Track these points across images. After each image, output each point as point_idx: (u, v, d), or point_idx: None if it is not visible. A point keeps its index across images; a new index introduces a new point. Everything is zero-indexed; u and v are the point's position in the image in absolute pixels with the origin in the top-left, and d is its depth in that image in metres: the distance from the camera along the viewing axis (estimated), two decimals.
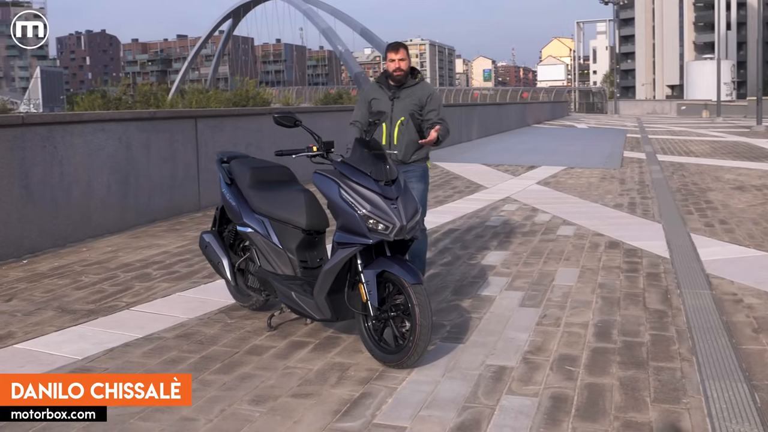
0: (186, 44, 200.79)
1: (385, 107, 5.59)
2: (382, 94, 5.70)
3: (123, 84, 46.64)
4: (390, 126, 5.63)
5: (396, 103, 5.65)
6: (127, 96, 43.27)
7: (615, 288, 6.20)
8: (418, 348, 4.25)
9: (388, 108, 5.60)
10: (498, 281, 6.45)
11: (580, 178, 14.52)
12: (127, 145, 8.92)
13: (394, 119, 5.62)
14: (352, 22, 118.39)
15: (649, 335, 5.00)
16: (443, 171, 15.88)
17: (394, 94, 5.67)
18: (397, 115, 5.63)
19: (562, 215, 9.88)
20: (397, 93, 5.67)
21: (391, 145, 5.61)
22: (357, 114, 5.72)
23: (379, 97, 5.70)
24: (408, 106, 5.65)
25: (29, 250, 7.43)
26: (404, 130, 5.64)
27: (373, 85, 5.83)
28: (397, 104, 5.65)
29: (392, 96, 5.66)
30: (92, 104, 44.15)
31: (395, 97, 5.66)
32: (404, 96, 5.66)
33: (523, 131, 33.83)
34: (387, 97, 5.67)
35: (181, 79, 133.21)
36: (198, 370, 4.37)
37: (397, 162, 5.55)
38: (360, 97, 5.94)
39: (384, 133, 5.62)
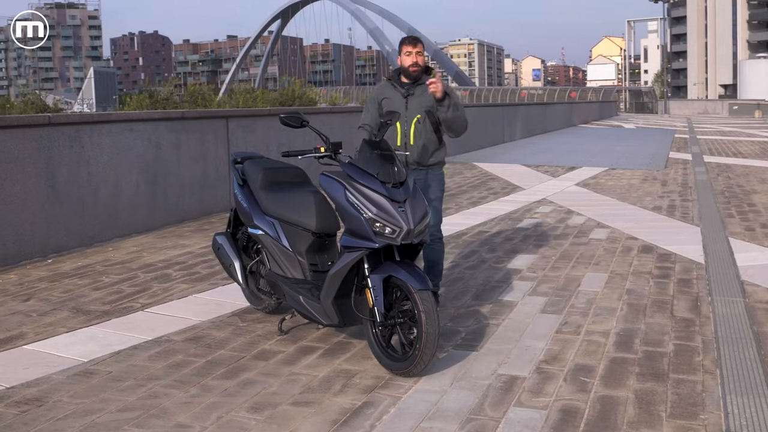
0: (236, 45, 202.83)
1: (398, 106, 5.26)
2: (394, 93, 5.35)
3: (171, 84, 47.16)
4: (405, 125, 5.29)
5: (410, 100, 5.30)
6: (174, 96, 43.80)
7: (643, 294, 5.99)
8: (424, 356, 4.11)
9: (401, 106, 5.26)
10: (522, 286, 6.28)
11: (620, 180, 14.20)
12: (157, 144, 8.92)
13: (410, 117, 5.28)
14: (399, 21, 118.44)
15: (673, 345, 4.79)
16: (481, 172, 15.67)
17: (408, 90, 5.31)
18: (412, 113, 5.29)
19: (597, 218, 9.64)
20: (412, 89, 5.32)
21: (407, 146, 5.29)
22: (366, 117, 5.35)
23: (391, 95, 5.35)
24: (424, 102, 5.28)
25: (55, 250, 7.46)
26: (421, 129, 5.30)
27: (383, 84, 5.50)
28: (411, 102, 5.30)
29: (406, 93, 5.31)
30: (140, 104, 44.79)
31: (409, 94, 5.31)
32: (419, 93, 5.30)
33: (568, 131, 33.36)
34: (400, 94, 5.32)
35: (230, 80, 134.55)
36: (201, 375, 4.29)
37: (414, 165, 5.31)
38: (369, 98, 5.50)
39: (399, 133, 5.28)
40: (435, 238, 5.44)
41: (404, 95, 5.32)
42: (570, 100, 61.89)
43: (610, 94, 75.87)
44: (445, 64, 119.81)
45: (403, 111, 5.26)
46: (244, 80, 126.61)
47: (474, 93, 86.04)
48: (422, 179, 5.32)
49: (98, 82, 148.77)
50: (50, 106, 57.67)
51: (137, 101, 46.48)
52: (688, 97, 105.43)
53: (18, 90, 64.97)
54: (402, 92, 5.33)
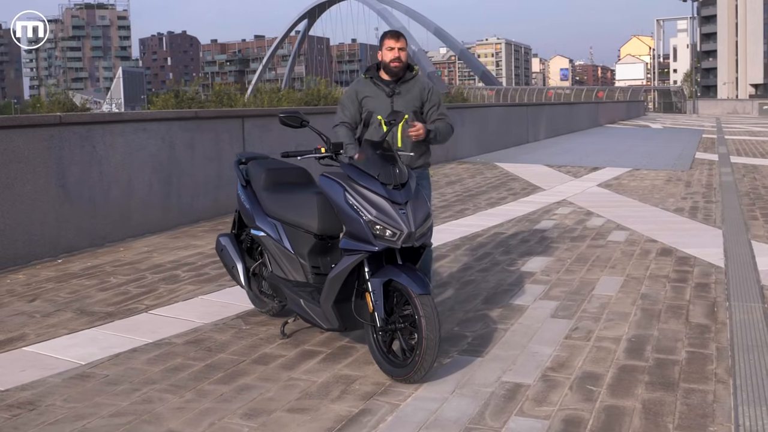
0: (263, 44, 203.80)
1: (382, 105, 4.95)
2: (377, 91, 5.01)
3: (196, 84, 47.49)
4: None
5: (396, 99, 4.99)
6: (198, 95, 44.17)
7: (658, 299, 5.82)
8: (424, 363, 3.99)
9: (386, 106, 4.94)
10: (534, 290, 6.14)
11: (644, 180, 13.98)
12: (170, 144, 8.88)
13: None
14: (425, 21, 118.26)
15: (686, 353, 4.63)
16: (502, 172, 15.51)
17: (393, 89, 5.00)
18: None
19: (617, 219, 9.46)
20: (397, 88, 5.01)
21: (394, 148, 4.84)
22: (345, 114, 5.03)
23: (374, 94, 5.00)
24: (410, 102, 5.02)
25: (66, 250, 7.44)
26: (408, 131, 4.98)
27: (362, 81, 5.12)
28: (397, 101, 4.98)
29: (391, 92, 5.00)
30: (166, 103, 45.21)
31: (394, 93, 5.00)
32: (405, 91, 5.02)
33: (594, 131, 33.02)
34: (384, 93, 4.99)
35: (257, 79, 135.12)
36: (198, 379, 4.21)
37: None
38: (347, 95, 5.15)
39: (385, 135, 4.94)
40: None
41: (389, 94, 5.01)
42: (597, 100, 61.36)
43: (638, 93, 75.12)
44: (472, 63, 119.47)
45: (388, 112, 4.92)
46: (270, 80, 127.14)
47: (500, 92, 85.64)
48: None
49: (127, 81, 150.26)
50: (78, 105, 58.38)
51: (163, 100, 47.00)
52: (717, 96, 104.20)
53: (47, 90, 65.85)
54: (386, 91, 5.01)
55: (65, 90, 55.95)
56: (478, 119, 20.57)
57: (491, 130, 21.25)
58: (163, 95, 49.73)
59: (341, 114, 5.06)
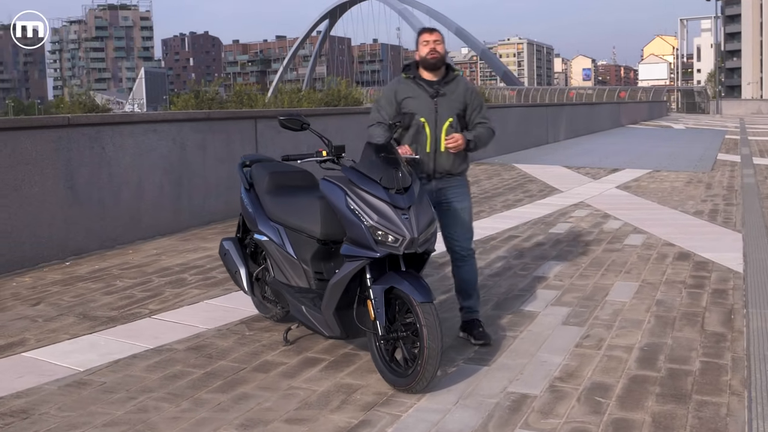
0: (285, 45, 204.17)
1: (425, 107, 4.72)
2: (420, 92, 4.74)
3: (216, 84, 47.52)
4: (435, 129, 4.74)
5: (440, 101, 4.74)
6: (219, 95, 44.11)
7: (673, 306, 5.66)
8: (426, 373, 3.87)
9: (430, 108, 4.72)
10: (546, 295, 6.00)
11: (663, 182, 13.76)
12: (181, 146, 8.82)
13: (440, 121, 4.74)
14: (447, 21, 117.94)
15: (700, 362, 4.48)
16: (520, 173, 15.34)
17: (437, 90, 4.76)
18: (443, 116, 4.75)
19: (635, 222, 9.28)
20: (441, 89, 4.77)
21: (437, 153, 4.77)
22: (381, 115, 4.79)
23: (416, 95, 4.74)
24: (454, 104, 4.78)
25: (74, 252, 7.39)
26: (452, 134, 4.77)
27: (401, 80, 4.85)
28: (441, 103, 4.74)
29: (435, 93, 4.75)
30: (186, 104, 45.20)
31: (439, 94, 4.75)
32: (449, 92, 4.77)
33: (615, 132, 32.71)
34: (427, 94, 4.74)
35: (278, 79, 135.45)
36: (196, 387, 4.12)
37: (441, 173, 4.83)
38: (384, 96, 4.88)
39: (428, 138, 4.73)
40: (468, 254, 5.00)
41: (432, 95, 4.75)
42: (619, 100, 60.88)
43: (661, 93, 74.45)
44: (493, 63, 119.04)
45: (433, 114, 4.73)
46: (292, 80, 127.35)
47: (522, 93, 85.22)
48: (448, 187, 4.90)
49: (149, 82, 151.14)
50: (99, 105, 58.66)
51: (184, 101, 47.04)
52: (742, 96, 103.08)
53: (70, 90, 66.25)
54: (430, 92, 4.75)
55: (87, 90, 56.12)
56: (497, 120, 20.24)
57: (510, 130, 21.06)
58: (184, 95, 49.84)
59: (377, 114, 4.84)
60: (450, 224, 4.95)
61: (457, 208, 4.93)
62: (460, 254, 4.99)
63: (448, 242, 5.00)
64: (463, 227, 4.98)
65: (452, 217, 4.94)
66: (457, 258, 5.01)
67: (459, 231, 4.96)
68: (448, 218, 4.94)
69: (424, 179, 4.80)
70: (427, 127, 4.76)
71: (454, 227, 4.95)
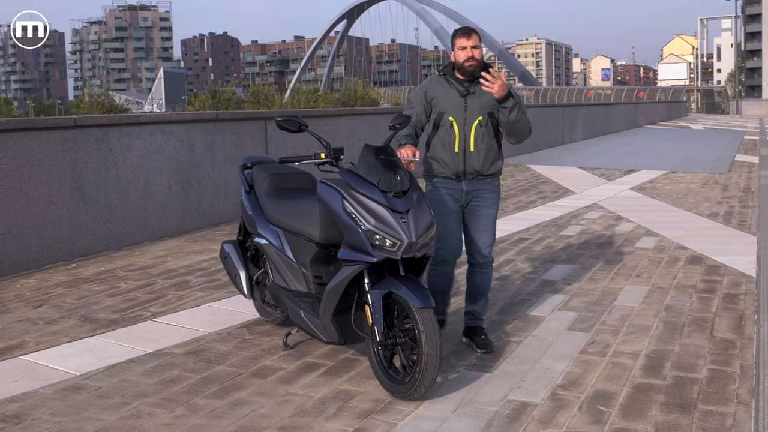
0: (303, 45, 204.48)
1: (454, 106, 4.62)
2: (450, 90, 4.65)
3: (233, 84, 47.61)
4: (464, 129, 4.63)
5: (470, 99, 4.62)
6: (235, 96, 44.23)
7: (682, 311, 5.56)
8: (424, 380, 3.80)
9: (459, 107, 4.61)
10: (553, 299, 5.90)
11: (679, 184, 13.60)
12: (190, 147, 8.78)
13: (470, 120, 4.62)
14: (465, 21, 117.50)
15: (707, 370, 4.38)
16: (534, 174, 15.21)
17: (467, 89, 4.63)
18: (472, 115, 4.62)
19: (647, 225, 9.16)
20: (471, 87, 4.62)
21: (467, 153, 4.64)
22: (410, 113, 4.68)
23: (445, 94, 4.66)
24: (486, 103, 4.62)
25: (81, 253, 7.36)
26: (482, 134, 4.64)
27: (435, 79, 4.77)
28: (471, 101, 4.62)
29: (465, 91, 4.63)
30: (203, 104, 45.37)
31: (469, 92, 4.63)
32: (480, 91, 4.59)
33: (632, 132, 32.45)
34: (457, 93, 4.63)
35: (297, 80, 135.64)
36: (191, 393, 4.06)
37: (472, 174, 4.68)
38: (414, 94, 4.80)
39: (457, 137, 4.63)
40: (485, 261, 4.88)
41: (462, 94, 4.64)
42: (637, 100, 60.44)
43: (680, 94, 73.85)
44: (511, 63, 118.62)
45: (462, 112, 4.62)
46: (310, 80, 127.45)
47: (539, 93, 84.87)
48: (479, 191, 4.75)
49: (168, 82, 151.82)
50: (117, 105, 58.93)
51: (201, 101, 47.18)
52: (762, 96, 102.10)
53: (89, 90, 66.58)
54: (460, 90, 4.64)
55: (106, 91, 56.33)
56: None
57: None
58: (201, 96, 49.99)
59: (408, 112, 4.74)
60: (473, 229, 4.82)
61: (483, 213, 4.79)
62: (478, 261, 4.87)
63: (468, 247, 4.88)
64: (486, 234, 4.84)
65: (477, 222, 4.80)
66: (474, 264, 4.91)
67: (482, 238, 4.83)
68: (472, 223, 4.81)
69: (453, 181, 4.69)
70: (456, 126, 4.64)
71: (477, 233, 4.82)
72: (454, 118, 4.66)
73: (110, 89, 66.09)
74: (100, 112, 46.72)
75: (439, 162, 4.72)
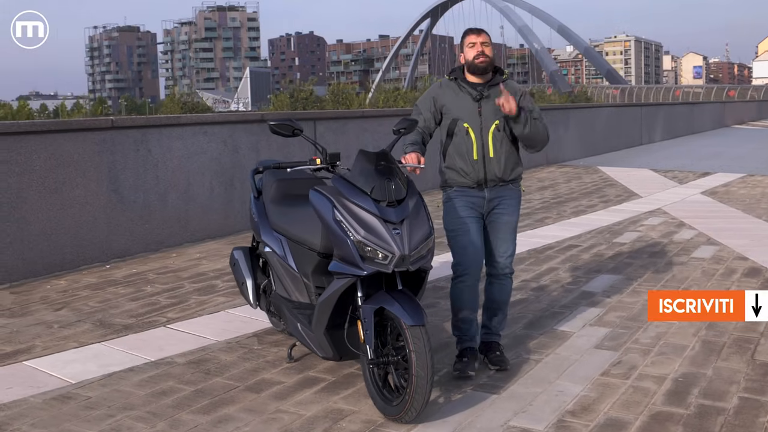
0: (387, 44, 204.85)
1: (468, 112, 4.36)
2: (462, 95, 4.39)
3: (310, 83, 47.94)
4: (481, 135, 4.37)
5: (484, 104, 4.36)
6: (313, 95, 44.53)
7: (726, 330, 5.14)
8: (414, 402, 3.55)
9: (473, 112, 4.35)
10: (587, 313, 5.56)
11: (755, 188, 12.88)
12: (234, 148, 8.71)
13: (486, 125, 4.36)
14: (549, 19, 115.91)
15: (738, 399, 4.00)
16: (601, 177, 14.69)
17: (481, 92, 4.38)
18: (488, 120, 4.36)
19: (710, 232, 8.64)
20: (485, 91, 4.39)
21: (486, 159, 4.37)
22: (418, 120, 4.44)
23: (457, 99, 4.40)
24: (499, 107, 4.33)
25: (118, 255, 7.36)
26: (501, 138, 4.39)
27: (445, 83, 4.50)
28: (486, 105, 4.36)
29: (479, 95, 4.37)
30: (281, 103, 45.87)
31: (483, 96, 4.37)
32: (495, 95, 4.34)
33: (717, 132, 31.22)
34: (470, 97, 4.37)
35: (380, 79, 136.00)
36: (179, 406, 3.92)
37: (494, 181, 4.41)
38: (422, 100, 4.55)
39: (474, 144, 4.35)
40: (504, 273, 4.59)
41: (476, 98, 4.38)
42: (726, 99, 58.30)
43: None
44: (597, 61, 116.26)
45: (477, 118, 4.36)
46: (394, 79, 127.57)
47: (625, 92, 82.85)
48: (500, 198, 4.48)
49: (254, 81, 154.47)
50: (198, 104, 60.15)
51: (280, 100, 47.76)
52: None
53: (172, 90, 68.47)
54: (473, 95, 4.39)
55: (190, 91, 57.71)
56: (585, 120, 19.68)
57: (599, 131, 20.31)
58: (281, 95, 50.61)
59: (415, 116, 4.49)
60: (494, 238, 4.52)
61: (504, 221, 4.50)
62: (498, 272, 4.58)
63: (488, 257, 4.58)
64: (506, 243, 4.55)
65: (498, 230, 4.51)
66: (493, 275, 4.61)
67: (502, 247, 4.53)
68: (492, 231, 4.51)
69: (475, 190, 4.42)
70: (472, 133, 4.37)
71: (498, 242, 4.53)
72: (470, 125, 4.38)
73: (196, 89, 67.63)
74: (181, 112, 47.68)
75: (458, 171, 4.42)
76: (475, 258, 4.46)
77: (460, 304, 4.48)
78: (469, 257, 4.42)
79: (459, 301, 4.48)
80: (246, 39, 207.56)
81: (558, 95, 64.07)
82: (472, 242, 4.42)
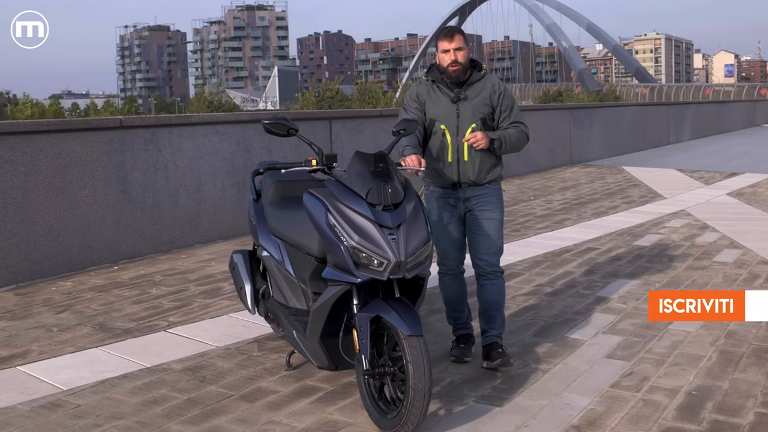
0: (416, 43, 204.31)
1: (446, 112, 4.34)
2: (440, 96, 4.37)
3: (336, 82, 47.92)
4: (456, 137, 4.35)
5: (462, 105, 4.34)
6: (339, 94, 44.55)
7: (745, 339, 4.92)
8: (411, 416, 3.39)
9: (451, 114, 4.33)
10: (600, 320, 5.36)
11: None
12: (246, 148, 8.59)
13: (462, 127, 4.34)
14: (578, 17, 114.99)
15: (754, 414, 3.79)
16: (625, 177, 14.40)
17: (458, 94, 4.35)
18: (465, 122, 4.34)
19: (733, 235, 8.38)
20: (463, 92, 4.36)
21: (460, 162, 4.36)
22: (417, 120, 4.35)
23: (436, 100, 4.38)
24: (477, 108, 4.36)
25: (127, 256, 7.27)
26: None
27: (424, 83, 4.47)
28: (464, 107, 4.34)
29: (456, 97, 4.35)
30: (307, 102, 45.98)
31: (460, 98, 4.35)
32: (472, 95, 4.36)
33: (747, 132, 30.66)
34: (448, 98, 4.35)
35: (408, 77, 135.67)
36: (169, 416, 3.79)
37: (468, 183, 4.40)
38: (408, 97, 4.51)
39: (449, 146, 4.35)
40: (493, 270, 4.51)
41: (453, 100, 4.36)
42: (758, 98, 57.37)
43: None
44: (626, 60, 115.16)
45: (454, 120, 4.35)
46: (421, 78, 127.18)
47: (655, 90, 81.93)
48: (478, 196, 4.45)
49: (282, 80, 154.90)
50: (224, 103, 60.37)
51: (305, 99, 47.84)
52: None
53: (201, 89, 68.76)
54: (451, 96, 4.37)
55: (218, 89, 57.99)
56: (610, 120, 19.36)
57: (624, 130, 19.98)
58: (307, 93, 50.66)
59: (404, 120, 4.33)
60: (476, 236, 4.49)
61: (485, 218, 4.46)
62: (484, 270, 4.51)
63: (473, 256, 4.55)
64: (488, 240, 4.48)
65: (479, 227, 4.47)
66: (481, 275, 4.53)
67: (483, 244, 4.48)
68: (474, 229, 4.50)
69: (449, 189, 4.44)
70: (448, 135, 4.37)
71: (480, 239, 4.48)
72: (446, 126, 4.37)
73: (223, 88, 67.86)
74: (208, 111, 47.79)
75: (433, 171, 4.43)
76: (455, 254, 4.56)
77: (447, 296, 4.66)
78: (449, 254, 4.54)
79: (446, 293, 4.65)
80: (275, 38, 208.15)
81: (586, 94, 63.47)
82: (449, 240, 4.50)
